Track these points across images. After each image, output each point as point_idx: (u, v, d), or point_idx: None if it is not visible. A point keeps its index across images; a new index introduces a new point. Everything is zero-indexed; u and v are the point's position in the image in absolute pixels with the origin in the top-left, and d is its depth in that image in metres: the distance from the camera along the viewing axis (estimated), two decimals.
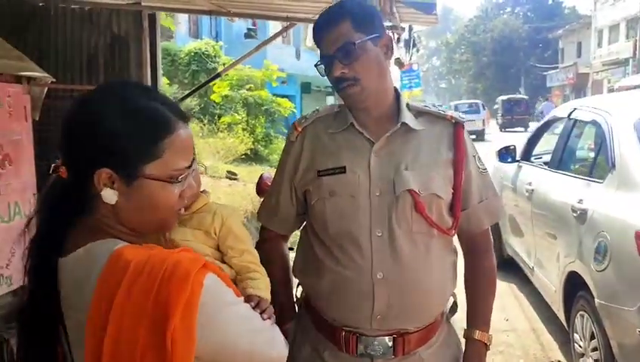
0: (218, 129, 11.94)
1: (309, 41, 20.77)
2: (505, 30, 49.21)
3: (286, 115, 13.34)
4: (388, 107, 1.49)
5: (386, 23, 4.69)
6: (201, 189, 1.29)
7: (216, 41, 14.11)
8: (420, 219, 1.42)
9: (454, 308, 1.60)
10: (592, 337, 2.98)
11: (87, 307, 0.88)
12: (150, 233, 1.04)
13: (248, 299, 1.12)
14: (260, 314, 1.07)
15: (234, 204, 7.81)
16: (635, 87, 17.12)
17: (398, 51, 10.22)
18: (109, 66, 4.82)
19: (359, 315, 1.42)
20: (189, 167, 0.99)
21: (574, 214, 3.21)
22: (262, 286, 1.24)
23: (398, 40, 6.77)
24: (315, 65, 1.49)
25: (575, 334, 3.27)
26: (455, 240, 1.57)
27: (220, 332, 0.92)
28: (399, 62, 9.95)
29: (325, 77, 1.47)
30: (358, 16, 1.41)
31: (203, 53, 13.16)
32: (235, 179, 9.54)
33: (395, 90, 1.53)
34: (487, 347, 1.55)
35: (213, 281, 0.92)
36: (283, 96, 14.15)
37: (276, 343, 1.05)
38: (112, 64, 4.85)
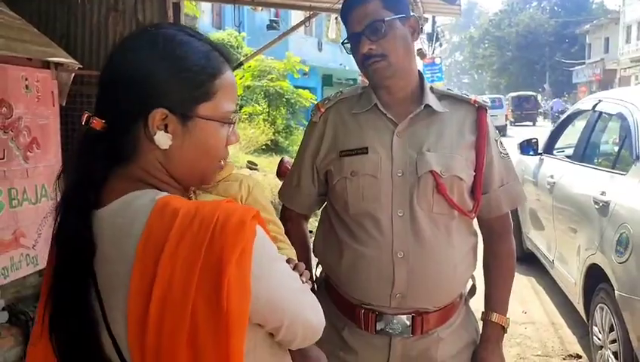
0: (239, 119, 11.99)
1: (332, 32, 20.71)
2: (530, 25, 48.50)
3: (307, 106, 13.36)
4: (412, 89, 1.50)
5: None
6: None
7: (239, 32, 14.17)
8: (441, 200, 1.43)
9: (473, 290, 1.62)
10: (611, 329, 2.96)
11: (129, 258, 0.84)
12: (193, 185, 1.03)
13: (288, 260, 1.06)
14: (300, 276, 1.02)
15: None
16: None
17: (421, 43, 10.17)
18: None
19: (379, 293, 1.44)
20: (236, 111, 0.99)
21: (596, 206, 3.18)
22: (291, 255, 1.21)
23: (421, 31, 6.74)
24: (342, 44, 1.50)
25: (594, 326, 3.25)
26: (475, 223, 1.58)
27: (271, 287, 0.88)
28: (421, 53, 9.90)
29: (351, 55, 1.48)
30: None
31: (226, 43, 13.22)
32: (255, 169, 9.61)
33: (419, 73, 1.54)
34: (504, 330, 1.56)
35: (263, 233, 0.89)
36: (304, 88, 14.15)
37: (318, 308, 0.98)
38: None
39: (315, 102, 1.57)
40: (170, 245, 0.82)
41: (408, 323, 1.46)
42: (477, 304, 1.62)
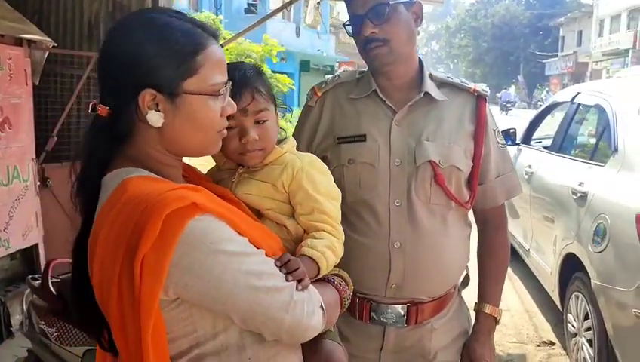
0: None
1: (309, 18, 20.59)
2: (506, 16, 48.91)
3: (285, 91, 13.25)
4: (411, 76, 1.48)
5: None
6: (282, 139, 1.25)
7: (217, 15, 13.95)
8: (438, 190, 1.42)
9: (466, 280, 1.62)
10: (586, 317, 3.02)
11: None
12: (194, 155, 1.05)
13: (280, 257, 1.02)
14: (286, 274, 0.99)
15: None
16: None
17: None
18: None
19: (375, 283, 1.43)
20: (226, 83, 1.02)
21: (574, 197, 3.22)
22: (320, 245, 1.12)
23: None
24: (344, 25, 1.46)
25: (569, 314, 3.31)
26: (470, 214, 1.57)
27: (206, 278, 0.89)
28: None
29: (351, 37, 1.45)
30: None
31: None
32: None
33: (420, 60, 1.51)
34: (496, 321, 1.57)
35: (206, 224, 0.91)
36: (282, 73, 14.04)
37: (295, 308, 0.96)
38: None
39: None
40: (107, 223, 0.91)
41: (402, 312, 1.45)
42: (469, 293, 1.62)
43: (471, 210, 1.55)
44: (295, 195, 1.17)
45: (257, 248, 0.97)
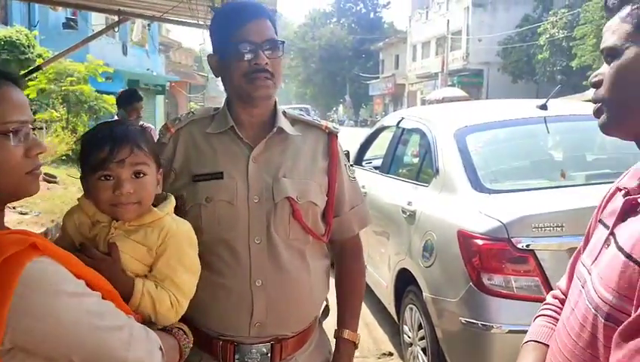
0: (32, 127, 10.82)
1: (136, 36, 19.79)
2: (332, 39, 51.78)
3: (112, 113, 12.54)
4: (268, 113, 1.50)
5: None
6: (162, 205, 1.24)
7: (31, 30, 12.76)
8: (296, 225, 1.45)
9: (327, 311, 1.65)
10: (420, 328, 3.26)
11: None
12: (4, 200, 1.00)
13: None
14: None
15: (53, 209, 7.15)
16: (442, 100, 19.39)
17: None
18: None
19: (237, 323, 1.41)
20: (26, 122, 0.99)
21: (404, 215, 3.47)
22: (151, 289, 1.15)
23: None
24: (236, 46, 1.39)
25: (404, 326, 3.54)
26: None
27: (48, 320, 0.88)
28: None
29: (229, 60, 1.41)
30: (272, 21, 1.46)
31: (14, 41, 11.79)
32: (54, 182, 8.77)
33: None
34: (355, 346, 1.62)
35: (45, 266, 0.90)
36: (109, 94, 13.29)
37: (135, 346, 0.98)
38: None
39: (165, 122, 1.50)
40: None
41: (266, 351, 1.45)
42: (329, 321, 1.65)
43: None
44: (158, 259, 1.17)
45: (93, 291, 0.98)
